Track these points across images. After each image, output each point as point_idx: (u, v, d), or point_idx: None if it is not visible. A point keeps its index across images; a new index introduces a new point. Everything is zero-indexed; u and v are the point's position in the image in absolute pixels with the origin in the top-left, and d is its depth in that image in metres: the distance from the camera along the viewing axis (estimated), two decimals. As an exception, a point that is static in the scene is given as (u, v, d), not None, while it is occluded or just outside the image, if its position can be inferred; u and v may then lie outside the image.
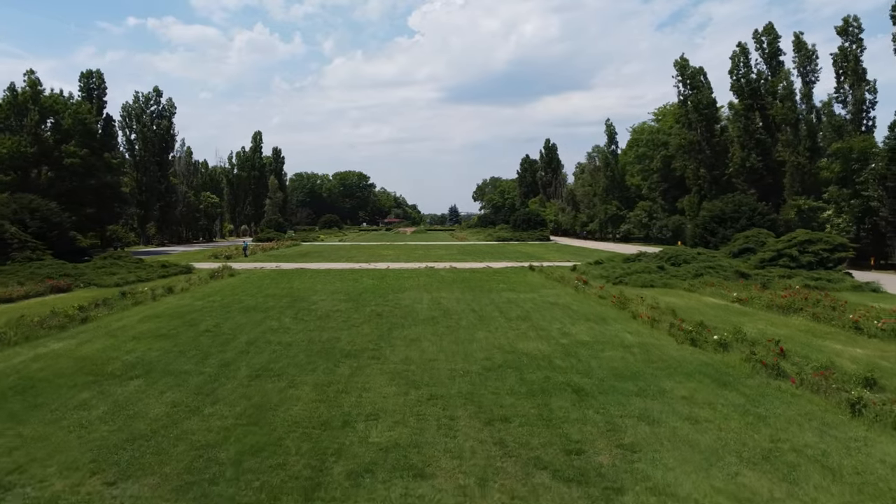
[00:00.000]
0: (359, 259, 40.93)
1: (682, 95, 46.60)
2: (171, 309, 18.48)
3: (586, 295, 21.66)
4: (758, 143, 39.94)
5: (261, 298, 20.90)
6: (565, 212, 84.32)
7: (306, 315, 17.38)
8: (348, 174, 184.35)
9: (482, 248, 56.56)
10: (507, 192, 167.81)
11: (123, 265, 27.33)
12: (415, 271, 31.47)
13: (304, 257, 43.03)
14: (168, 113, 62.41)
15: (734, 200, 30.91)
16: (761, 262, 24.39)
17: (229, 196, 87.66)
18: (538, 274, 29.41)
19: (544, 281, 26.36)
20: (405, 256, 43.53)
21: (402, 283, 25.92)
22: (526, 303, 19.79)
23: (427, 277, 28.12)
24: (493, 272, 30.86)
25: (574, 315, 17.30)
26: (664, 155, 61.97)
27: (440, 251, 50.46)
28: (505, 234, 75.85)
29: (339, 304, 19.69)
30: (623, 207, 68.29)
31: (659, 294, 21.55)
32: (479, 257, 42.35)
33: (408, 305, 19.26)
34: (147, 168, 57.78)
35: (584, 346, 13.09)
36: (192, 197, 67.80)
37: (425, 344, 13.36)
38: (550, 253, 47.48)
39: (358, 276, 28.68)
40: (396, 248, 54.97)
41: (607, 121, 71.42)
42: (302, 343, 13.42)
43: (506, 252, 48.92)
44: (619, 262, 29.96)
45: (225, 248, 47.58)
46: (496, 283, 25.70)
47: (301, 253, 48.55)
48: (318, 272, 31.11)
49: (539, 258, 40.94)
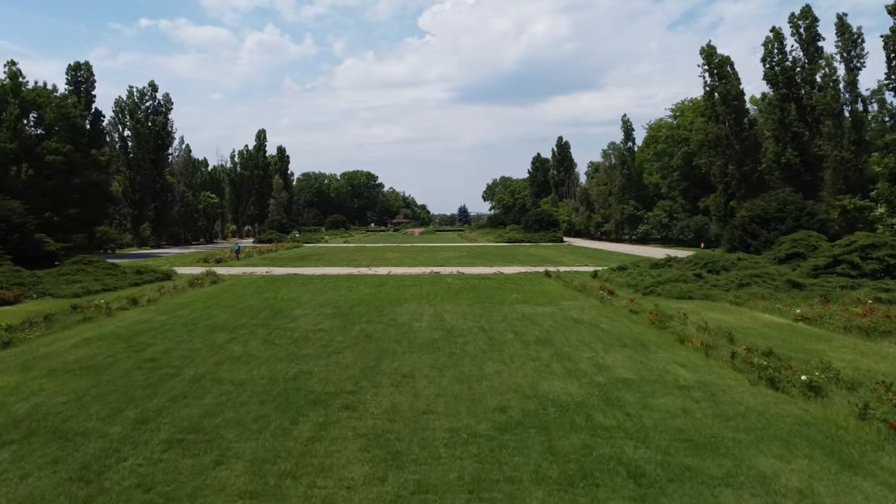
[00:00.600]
0: (360, 263, 37.98)
1: (709, 86, 43.16)
2: (123, 328, 15.57)
3: (615, 309, 18.50)
4: (794, 136, 36.51)
5: (235, 313, 17.95)
6: (579, 212, 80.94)
7: (280, 336, 14.39)
8: (356, 174, 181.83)
9: (492, 250, 53.44)
10: (518, 191, 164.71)
11: (92, 272, 24.54)
12: (418, 278, 28.44)
13: (301, 261, 40.16)
14: (164, 109, 59.79)
15: (778, 199, 27.53)
16: (814, 270, 21.08)
17: (231, 196, 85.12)
18: (555, 282, 26.27)
19: (563, 290, 23.21)
20: (410, 260, 40.53)
21: (402, 292, 22.90)
22: (545, 319, 16.69)
23: (431, 285, 25.08)
24: (504, 279, 27.76)
25: (605, 337, 14.17)
26: (685, 152, 58.48)
27: (447, 254, 47.42)
28: (516, 236, 72.65)
29: (325, 320, 16.69)
30: (640, 207, 64.86)
31: (701, 308, 18.35)
32: (490, 261, 39.26)
33: (405, 323, 16.23)
34: (141, 166, 55.14)
35: (627, 388, 9.98)
36: (191, 197, 65.24)
37: (420, 383, 10.32)
38: (565, 256, 44.27)
39: (354, 284, 25.71)
40: (402, 251, 52.01)
41: (624, 116, 68.09)
42: (260, 381, 10.42)
43: (517, 255, 45.77)
44: (645, 267, 26.75)
45: (219, 251, 44.85)
46: (509, 292, 22.60)
47: (300, 256, 45.69)
48: (312, 279, 28.17)
49: (554, 262, 37.77)
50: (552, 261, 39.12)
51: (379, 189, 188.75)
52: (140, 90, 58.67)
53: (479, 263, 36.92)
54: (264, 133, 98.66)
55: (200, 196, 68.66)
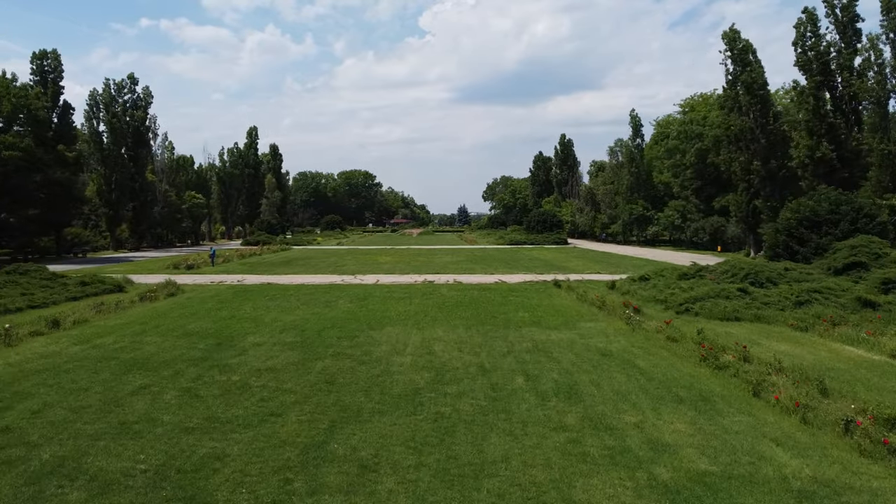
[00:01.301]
0: (347, 269, 34.30)
1: (731, 74, 39.36)
2: (10, 365, 11.88)
3: (647, 335, 14.83)
4: (830, 128, 32.78)
5: (171, 341, 14.27)
6: (583, 212, 77.26)
7: (211, 382, 10.72)
8: (354, 173, 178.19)
9: (493, 253, 49.76)
10: (519, 191, 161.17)
11: (23, 284, 20.86)
12: (409, 289, 24.78)
13: (283, 267, 36.47)
14: (144, 103, 55.95)
15: (829, 198, 23.67)
16: (884, 284, 17.39)
17: (220, 195, 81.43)
18: (567, 294, 22.59)
19: (579, 307, 19.53)
20: (403, 265, 36.87)
21: (387, 309, 19.24)
22: (563, 351, 13.02)
23: (423, 299, 21.41)
24: (508, 290, 24.08)
25: (649, 384, 10.51)
26: (699, 148, 54.83)
27: (445, 258, 43.76)
28: (518, 237, 69.00)
29: (281, 353, 13.02)
30: (650, 207, 61.18)
31: (757, 335, 14.68)
32: (490, 266, 35.58)
33: (382, 358, 12.56)
34: (117, 163, 51.29)
35: (712, 495, 6.29)
36: (174, 196, 61.50)
37: (385, 483, 6.64)
38: (572, 260, 40.59)
39: (333, 297, 22.04)
40: (396, 254, 48.33)
41: (632, 112, 64.47)
42: (139, 479, 6.72)
43: (520, 259, 42.10)
44: (672, 278, 23.06)
45: (196, 255, 41.16)
46: (514, 309, 18.92)
47: (284, 260, 42.00)
48: (286, 290, 24.50)
49: (561, 268, 34.09)
50: (559, 266, 35.44)
51: (377, 189, 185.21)
52: (118, 83, 54.92)
53: (479, 270, 33.24)
54: (256, 130, 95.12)
55: (185, 196, 64.91)
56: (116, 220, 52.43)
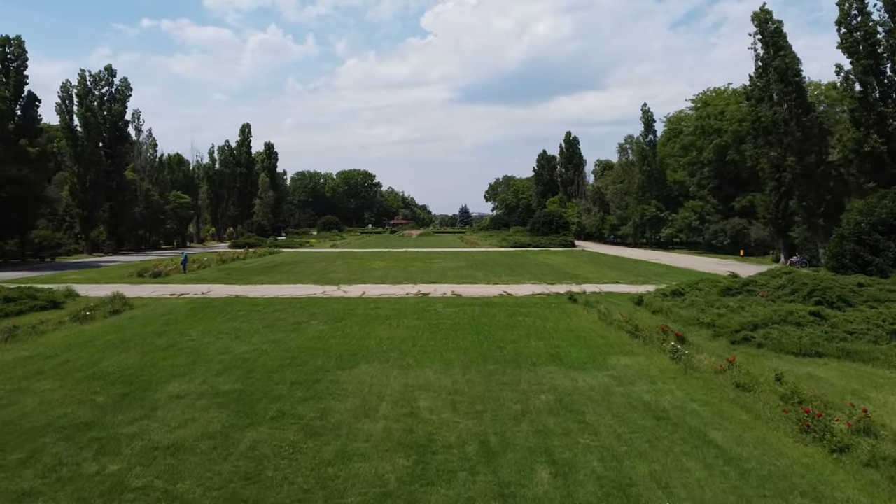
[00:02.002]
0: (333, 277, 30.59)
1: (762, 60, 35.49)
2: None
3: (706, 381, 11.07)
4: (879, 118, 28.94)
5: (66, 389, 10.56)
6: (591, 213, 73.43)
7: (68, 479, 7.00)
8: (352, 173, 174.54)
9: (496, 257, 45.99)
10: (522, 191, 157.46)
11: (-74, 301, 17.15)
12: (399, 303, 21.06)
13: (263, 274, 32.77)
14: (122, 96, 52.25)
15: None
16: None
17: (210, 195, 77.80)
18: (587, 312, 18.82)
19: (604, 330, 15.76)
20: (397, 272, 33.15)
21: (366, 334, 15.51)
22: (599, 412, 9.29)
23: (413, 320, 17.68)
24: (515, 305, 20.33)
25: (745, 485, 6.79)
26: (717, 144, 50.99)
27: (444, 263, 40.03)
28: (522, 239, 65.18)
29: (201, 414, 9.30)
30: (664, 208, 57.33)
31: (857, 381, 10.92)
32: (493, 273, 31.83)
33: (342, 424, 8.84)
34: (92, 161, 47.56)
35: None
36: (157, 196, 57.81)
37: None
38: (583, 266, 36.82)
39: (306, 316, 18.33)
40: (391, 259, 44.61)
41: (644, 106, 60.57)
42: None
43: (526, 265, 38.34)
44: (712, 292, 19.28)
45: (168, 261, 37.41)
46: (525, 335, 15.16)
47: (266, 266, 38.28)
48: (255, 306, 20.79)
49: (573, 276, 30.33)
50: (571, 273, 31.68)
51: (377, 189, 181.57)
52: (94, 74, 51.22)
53: (481, 278, 29.48)
54: (249, 127, 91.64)
55: (169, 195, 61.22)
56: (91, 222, 48.71)
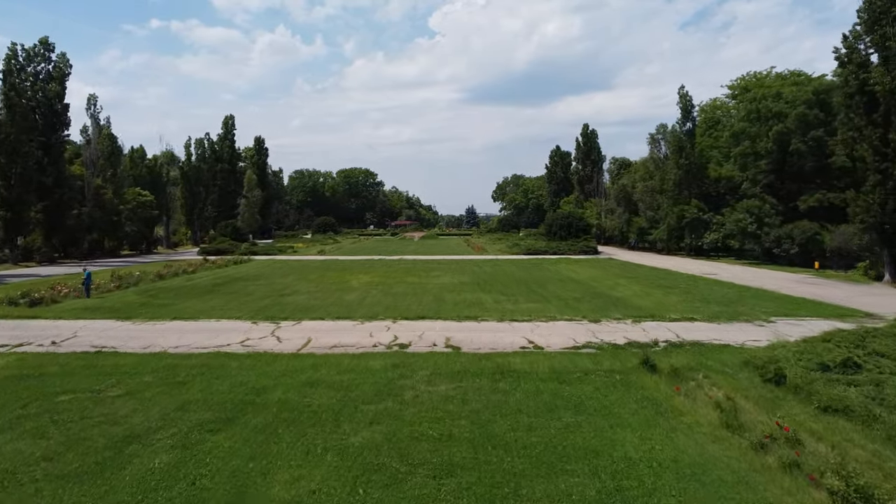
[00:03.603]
0: (285, 305, 22.02)
1: (873, 8, 26.60)
2: None
3: None
4: None
5: None
6: (615, 214, 64.50)
7: None
8: (353, 171, 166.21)
9: (508, 269, 37.26)
10: (532, 190, 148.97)
11: None
12: (352, 374, 12.44)
13: (196, 298, 24.23)
14: (60, 74, 43.86)
15: None
16: None
17: (185, 194, 69.50)
18: (688, 402, 10.07)
19: (755, 471, 6.99)
20: (378, 295, 24.55)
21: (244, 487, 6.84)
22: None
23: (362, 428, 9.05)
24: (551, 378, 11.60)
25: None
26: (779, 131, 41.99)
27: (444, 277, 31.39)
28: (537, 244, 56.31)
29: None
30: (707, 209, 48.36)
31: None
32: (507, 295, 23.15)
33: None
34: (18, 151, 39.25)
35: None
36: (109, 194, 49.45)
37: None
38: (622, 283, 28.01)
39: (155, 419, 9.76)
40: (380, 270, 36.03)
41: (681, 89, 51.51)
42: None
43: (547, 280, 29.57)
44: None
45: (68, 279, 28.83)
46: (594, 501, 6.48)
47: (212, 284, 29.72)
48: (118, 367, 12.20)
49: (616, 300, 21.57)
50: (611, 297, 22.88)
51: (379, 188, 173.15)
52: (28, 49, 42.84)
53: (491, 307, 20.74)
54: (233, 119, 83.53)
55: (125, 193, 52.84)
56: (18, 225, 40.35)
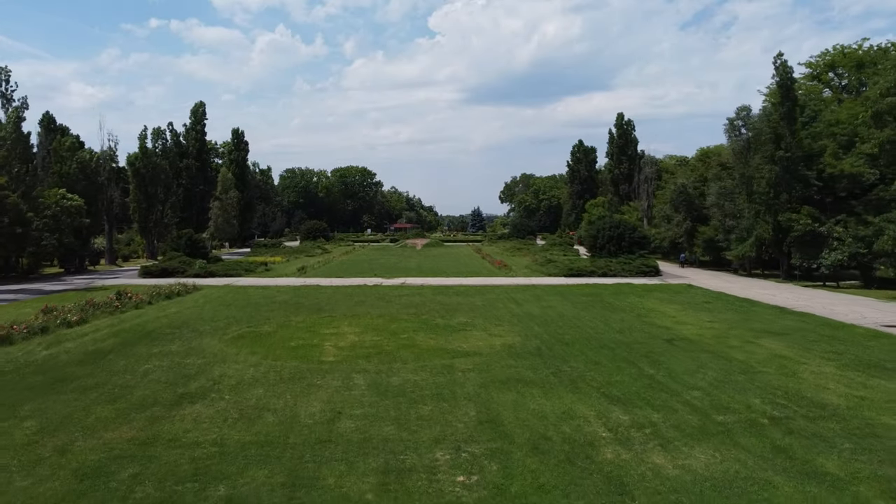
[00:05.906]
0: (157, 461, 9.04)
1: None
2: None
3: None
4: None
5: None
6: (671, 221, 51.64)
7: None
8: (349, 170, 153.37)
9: (565, 311, 24.40)
10: (544, 191, 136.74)
11: None
12: None
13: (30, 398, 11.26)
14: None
15: None
16: None
17: (138, 196, 56.60)
18: None
19: None
20: (358, 422, 11.68)
21: None
22: None
23: None
24: None
25: None
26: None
27: (476, 337, 18.55)
28: (579, 263, 43.35)
29: None
30: (823, 218, 35.47)
31: None
32: (623, 405, 10.21)
33: None
34: None
35: None
36: (14, 198, 36.61)
37: None
38: (802, 356, 15.17)
39: None
40: (370, 326, 23.21)
41: (777, 57, 38.62)
42: None
43: (652, 345, 16.67)
44: None
45: None
46: None
47: (66, 364, 16.79)
48: None
49: (816, 416, 8.64)
50: (803, 398, 9.92)
51: (377, 188, 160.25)
52: None
53: (631, 466, 7.81)
54: (203, 107, 70.60)
55: (44, 197, 39.95)
56: None
